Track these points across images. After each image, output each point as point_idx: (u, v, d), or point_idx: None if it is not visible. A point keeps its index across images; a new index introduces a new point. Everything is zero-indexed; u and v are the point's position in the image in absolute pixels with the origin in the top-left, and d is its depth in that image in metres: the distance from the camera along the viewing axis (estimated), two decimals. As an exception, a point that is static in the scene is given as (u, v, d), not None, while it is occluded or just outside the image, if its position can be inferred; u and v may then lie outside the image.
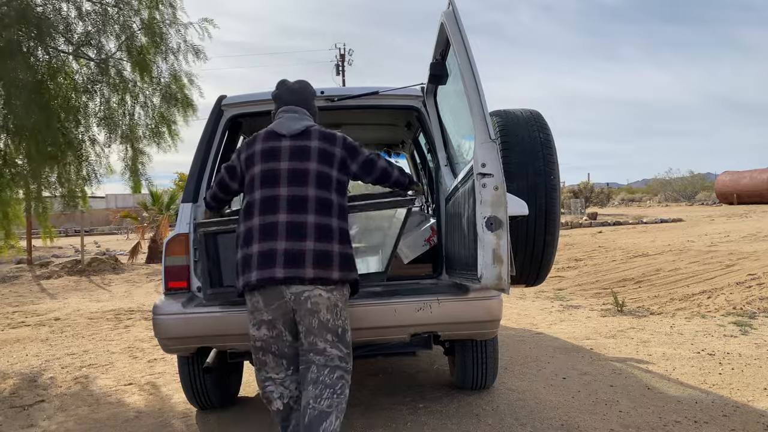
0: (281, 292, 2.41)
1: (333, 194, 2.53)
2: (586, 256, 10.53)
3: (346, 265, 2.48)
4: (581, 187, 31.48)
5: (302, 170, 2.51)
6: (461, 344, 3.42)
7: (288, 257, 2.38)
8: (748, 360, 4.17)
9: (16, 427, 3.51)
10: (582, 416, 3.25)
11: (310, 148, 2.56)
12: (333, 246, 2.44)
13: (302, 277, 2.37)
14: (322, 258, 2.40)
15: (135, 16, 5.72)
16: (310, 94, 2.83)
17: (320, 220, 2.45)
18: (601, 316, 6.03)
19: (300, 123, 2.64)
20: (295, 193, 2.47)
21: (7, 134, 5.26)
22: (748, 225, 14.39)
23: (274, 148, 2.58)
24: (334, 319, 2.47)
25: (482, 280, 2.38)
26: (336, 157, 2.60)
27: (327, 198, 2.50)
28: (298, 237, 2.40)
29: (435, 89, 3.54)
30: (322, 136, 2.62)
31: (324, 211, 2.47)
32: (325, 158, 2.56)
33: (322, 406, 2.37)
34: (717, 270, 7.98)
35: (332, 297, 2.45)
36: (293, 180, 2.49)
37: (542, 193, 3.15)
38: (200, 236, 2.85)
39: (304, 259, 2.38)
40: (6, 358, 5.33)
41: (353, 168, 2.67)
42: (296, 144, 2.57)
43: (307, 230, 2.41)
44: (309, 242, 2.40)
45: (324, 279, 2.40)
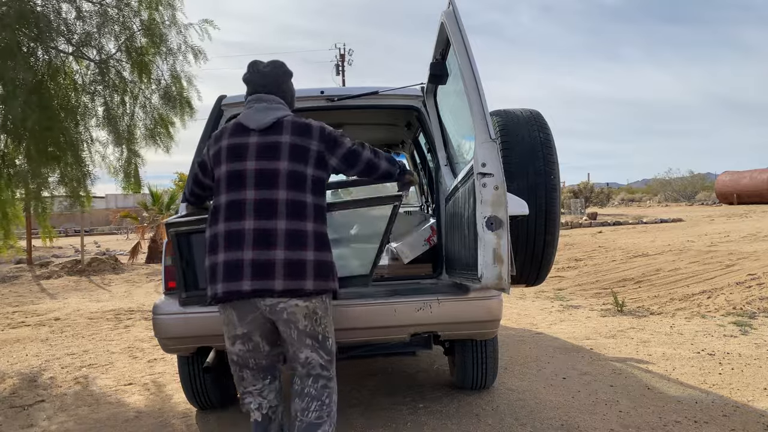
0: (254, 304, 2.25)
1: (308, 195, 2.29)
2: (586, 256, 10.53)
3: (323, 274, 2.27)
4: (581, 187, 31.49)
5: (271, 171, 2.27)
6: (461, 344, 3.42)
7: (255, 268, 2.18)
8: (748, 360, 4.17)
9: (16, 427, 3.51)
10: (582, 416, 3.25)
11: (280, 144, 2.30)
12: (306, 253, 2.22)
13: (272, 290, 2.19)
14: (293, 267, 2.19)
15: (135, 17, 5.72)
16: (283, 76, 2.52)
17: (292, 225, 2.22)
18: (601, 316, 6.02)
19: (270, 114, 2.36)
20: (263, 197, 2.24)
21: (7, 134, 5.26)
22: (748, 225, 14.39)
23: (241, 145, 2.33)
24: (313, 326, 2.31)
25: (482, 279, 2.38)
26: (311, 152, 2.33)
27: (300, 200, 2.26)
28: (266, 245, 2.19)
29: (435, 89, 3.54)
30: (295, 129, 2.34)
31: (297, 215, 2.24)
32: (298, 155, 2.30)
33: (310, 418, 2.30)
34: (717, 270, 7.98)
35: (310, 305, 2.28)
36: (261, 182, 2.26)
37: (542, 193, 3.15)
38: (171, 236, 2.68)
39: (274, 270, 2.17)
40: (6, 358, 5.33)
41: (333, 162, 2.40)
42: (265, 140, 2.32)
43: (276, 238, 2.20)
44: (279, 251, 2.18)
45: (296, 291, 2.21)
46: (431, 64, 3.26)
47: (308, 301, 2.26)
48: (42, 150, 5.08)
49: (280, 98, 2.45)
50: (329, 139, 2.39)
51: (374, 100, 3.54)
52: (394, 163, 2.57)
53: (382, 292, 3.08)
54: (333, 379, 2.40)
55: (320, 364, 2.35)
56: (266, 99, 2.42)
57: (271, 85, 2.46)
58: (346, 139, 2.44)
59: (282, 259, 2.18)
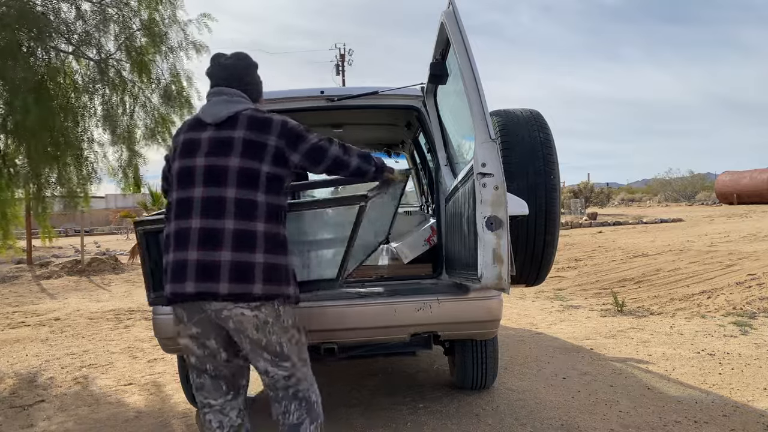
0: (200, 306, 2.13)
1: (260, 194, 2.15)
2: (586, 256, 10.53)
3: (274, 278, 2.13)
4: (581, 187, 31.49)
5: (220, 167, 2.15)
6: (461, 344, 3.42)
7: (200, 270, 2.07)
8: (748, 360, 4.17)
9: (16, 427, 3.51)
10: (582, 416, 3.25)
11: (233, 140, 2.18)
12: (255, 256, 2.08)
13: (215, 293, 2.07)
14: (240, 270, 2.07)
15: (135, 17, 5.72)
16: (246, 68, 2.38)
17: (240, 225, 2.09)
18: (601, 316, 6.02)
19: (228, 108, 2.24)
20: (210, 195, 2.12)
21: (7, 134, 5.26)
22: (748, 225, 14.39)
23: (194, 140, 2.23)
24: (266, 337, 2.16)
25: (482, 279, 2.38)
26: (268, 148, 2.19)
27: (250, 199, 2.13)
28: (211, 246, 2.07)
29: (435, 89, 3.54)
30: (252, 124, 2.21)
31: (246, 214, 2.11)
32: (251, 151, 2.17)
33: (291, 420, 2.23)
34: (717, 270, 7.98)
35: (260, 315, 2.12)
36: (209, 179, 2.15)
37: (542, 193, 3.15)
38: (140, 235, 2.61)
39: (219, 272, 2.06)
40: (6, 358, 5.33)
41: (294, 159, 2.24)
42: (218, 135, 2.20)
43: (223, 238, 2.08)
44: (225, 252, 2.06)
45: (241, 295, 2.08)
46: (431, 64, 3.26)
47: (257, 310, 2.11)
48: (42, 150, 5.08)
49: (241, 91, 2.33)
50: (291, 134, 2.24)
51: (374, 100, 3.54)
52: (368, 160, 2.41)
53: (382, 292, 3.08)
54: (305, 380, 2.28)
55: (284, 375, 2.23)
56: (226, 92, 2.31)
57: (232, 78, 2.34)
58: (311, 135, 2.30)
59: (228, 261, 2.06)
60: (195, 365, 2.26)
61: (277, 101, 3.56)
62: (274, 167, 2.20)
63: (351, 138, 5.32)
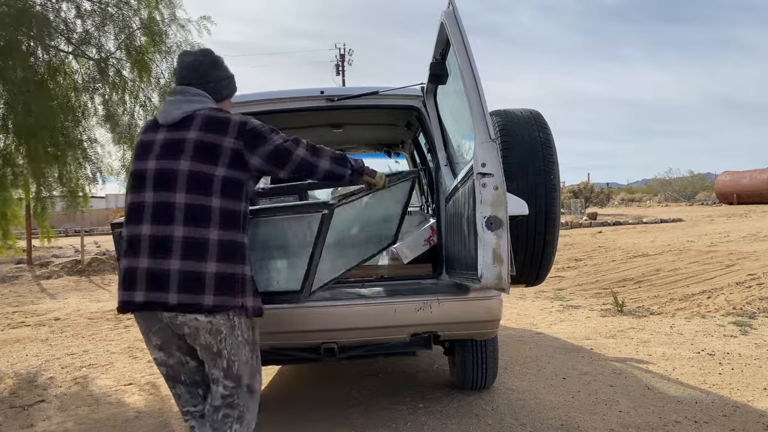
0: (155, 315, 2.05)
1: (214, 199, 2.02)
2: (586, 256, 10.53)
3: (227, 288, 2.00)
4: (581, 187, 31.48)
5: (169, 171, 2.03)
6: (461, 344, 3.42)
7: (149, 278, 1.98)
8: (748, 360, 4.17)
9: (16, 427, 3.51)
10: (582, 416, 3.24)
11: (185, 142, 2.06)
12: (206, 265, 1.97)
13: (165, 303, 1.97)
14: (189, 280, 1.96)
15: (134, 16, 5.73)
16: (208, 65, 2.24)
17: (190, 232, 1.98)
18: (601, 316, 6.02)
19: (182, 108, 2.13)
20: (159, 200, 2.01)
21: (8, 134, 5.26)
22: (748, 225, 14.39)
23: (147, 142, 2.13)
24: (218, 344, 2.06)
25: (482, 279, 2.38)
26: (224, 149, 2.05)
27: (203, 205, 2.01)
28: (160, 254, 1.97)
29: (435, 89, 3.54)
30: (207, 124, 2.08)
31: (196, 221, 1.99)
32: (204, 153, 2.04)
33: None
34: (717, 270, 7.98)
35: (214, 321, 2.03)
36: (159, 183, 2.03)
37: (542, 193, 3.15)
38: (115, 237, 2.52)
39: (168, 282, 1.96)
40: (6, 358, 5.33)
41: (255, 162, 2.10)
42: (170, 137, 2.09)
43: (171, 246, 1.97)
44: (174, 260, 1.96)
45: (191, 306, 1.98)
46: (431, 64, 3.26)
47: (210, 316, 2.01)
48: (42, 150, 5.08)
49: (202, 90, 2.19)
50: (250, 135, 2.10)
51: (374, 100, 3.54)
52: (343, 162, 2.24)
53: (382, 292, 3.08)
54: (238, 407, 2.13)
55: (221, 394, 2.11)
56: (184, 91, 2.18)
57: (192, 76, 2.21)
58: (275, 136, 2.15)
59: (177, 270, 1.96)
60: (167, 375, 2.19)
61: (277, 101, 3.56)
62: (232, 170, 2.07)
63: (351, 138, 5.33)
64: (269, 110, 3.61)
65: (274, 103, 3.57)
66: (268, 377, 4.33)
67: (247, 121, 2.14)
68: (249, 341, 2.14)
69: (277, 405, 3.68)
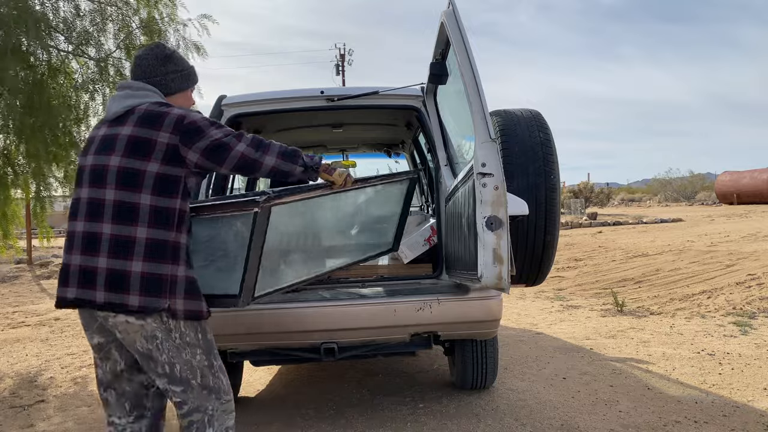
0: (91, 313, 2.02)
1: (144, 196, 1.96)
2: (586, 256, 10.53)
3: (154, 289, 1.93)
4: (581, 187, 31.47)
5: (101, 167, 2.00)
6: (461, 344, 3.42)
7: (81, 275, 1.96)
8: (748, 360, 4.17)
9: (16, 427, 3.51)
10: (582, 416, 3.24)
11: (118, 137, 2.02)
12: (132, 264, 1.92)
13: (92, 301, 1.95)
14: (115, 279, 1.92)
15: (134, 15, 5.73)
16: (155, 58, 2.19)
17: (117, 230, 1.94)
18: (601, 316, 6.02)
19: (123, 102, 2.08)
20: (92, 196, 1.99)
21: (8, 134, 5.26)
22: (748, 225, 14.39)
23: (91, 138, 2.12)
24: (156, 351, 1.99)
25: (482, 279, 2.38)
26: (158, 145, 1.99)
27: (132, 201, 1.96)
28: (91, 251, 1.95)
29: (435, 89, 3.54)
30: (144, 119, 2.02)
31: (124, 218, 1.95)
32: (136, 149, 1.98)
33: None
34: (717, 270, 7.98)
35: (147, 325, 1.96)
36: (93, 179, 2.01)
37: (542, 193, 3.16)
38: None
39: (96, 279, 1.93)
40: (6, 358, 5.33)
41: (192, 157, 2.01)
42: (108, 132, 2.06)
43: (100, 243, 1.94)
44: (101, 258, 1.93)
45: (118, 305, 1.93)
46: (431, 64, 3.26)
47: (142, 320, 1.95)
48: (43, 149, 5.08)
49: (149, 84, 2.15)
50: (187, 129, 2.01)
51: (374, 100, 3.54)
52: (292, 158, 2.10)
53: (382, 292, 3.08)
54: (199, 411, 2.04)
55: (177, 401, 2.04)
56: (129, 86, 2.14)
57: (139, 71, 2.18)
58: (214, 129, 2.04)
59: (104, 268, 1.93)
60: (100, 378, 2.13)
61: (277, 101, 3.57)
62: (167, 166, 2.00)
63: (351, 138, 5.33)
64: (269, 110, 3.61)
65: (274, 103, 3.57)
66: (268, 377, 4.34)
67: (186, 115, 2.04)
68: (193, 344, 2.03)
69: (277, 405, 3.68)
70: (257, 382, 4.22)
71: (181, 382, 2.02)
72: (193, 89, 2.31)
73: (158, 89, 2.15)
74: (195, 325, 2.04)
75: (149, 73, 2.17)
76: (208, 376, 2.06)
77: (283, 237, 2.37)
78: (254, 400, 3.82)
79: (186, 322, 2.01)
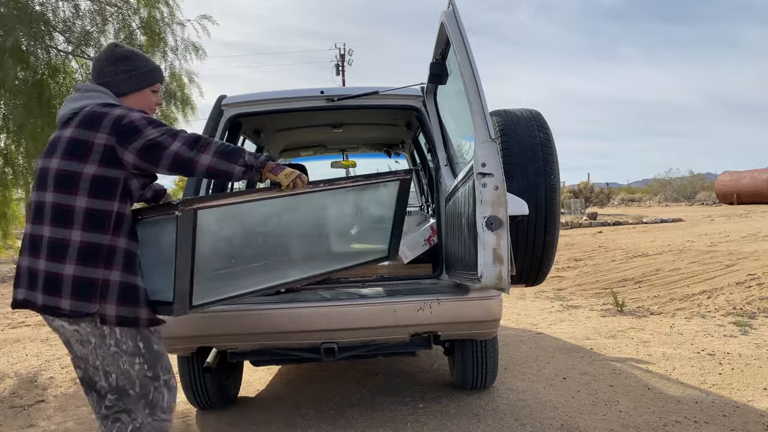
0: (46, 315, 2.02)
1: (80, 198, 1.93)
2: (586, 256, 10.53)
3: (85, 294, 1.90)
4: (581, 187, 31.47)
5: (45, 170, 2.00)
6: (461, 344, 3.42)
7: (27, 277, 1.97)
8: (748, 360, 4.17)
9: (16, 427, 3.51)
10: (582, 416, 3.24)
11: (60, 139, 2.02)
12: (64, 267, 1.90)
13: (34, 303, 1.95)
14: (50, 281, 1.91)
15: (134, 15, 5.73)
16: (106, 59, 2.16)
17: (54, 232, 1.93)
18: (601, 316, 6.02)
19: (73, 104, 2.07)
20: (38, 199, 1.99)
21: (8, 134, 5.26)
22: (748, 225, 14.39)
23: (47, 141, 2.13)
24: (92, 355, 1.99)
25: (482, 279, 2.38)
26: (95, 146, 1.95)
27: (66, 204, 1.93)
28: (35, 253, 1.96)
29: (435, 89, 3.54)
30: (84, 120, 1.99)
31: (60, 221, 1.93)
32: (74, 151, 1.96)
33: None
34: (717, 270, 7.98)
35: (80, 329, 1.95)
36: (38, 183, 2.01)
37: (542, 193, 3.16)
38: None
39: (37, 282, 1.93)
40: (6, 358, 5.33)
41: (128, 158, 1.95)
42: (56, 135, 2.07)
43: (41, 245, 1.94)
44: (41, 260, 1.93)
45: (53, 309, 1.92)
46: (431, 64, 3.26)
47: (75, 324, 1.94)
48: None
49: (101, 85, 2.13)
50: (125, 129, 1.95)
51: (374, 100, 3.54)
52: (231, 157, 1.99)
53: (382, 292, 3.08)
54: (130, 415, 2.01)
55: (105, 404, 2.02)
56: (80, 88, 2.12)
57: (94, 73, 2.17)
58: (150, 129, 1.96)
59: (43, 271, 1.93)
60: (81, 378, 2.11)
61: (277, 101, 3.57)
62: (105, 168, 1.95)
63: (351, 138, 5.33)
64: (269, 110, 3.62)
65: (274, 103, 3.57)
66: (268, 377, 4.34)
67: (125, 116, 1.98)
68: (132, 353, 1.99)
69: (277, 405, 3.68)
70: (257, 382, 4.22)
71: (116, 390, 2.00)
72: (155, 89, 2.22)
73: (110, 90, 2.12)
74: (133, 333, 1.99)
75: (100, 74, 2.15)
76: (149, 388, 2.03)
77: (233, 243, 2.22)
78: (254, 400, 3.82)
79: (122, 329, 1.96)
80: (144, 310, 1.99)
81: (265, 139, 4.72)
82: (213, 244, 2.10)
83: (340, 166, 5.71)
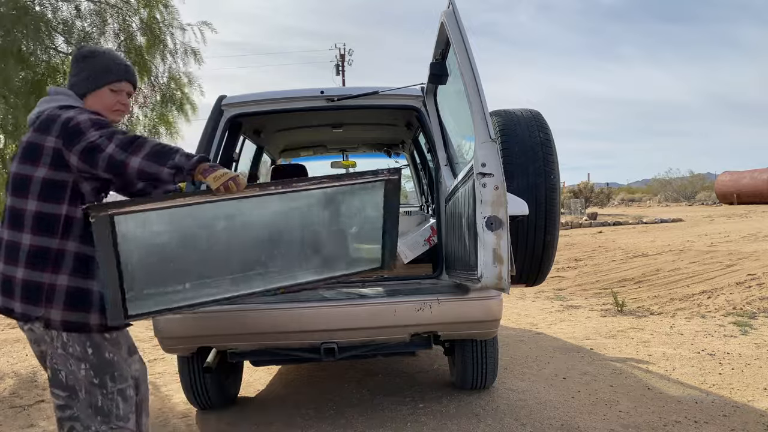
0: None
1: (30, 201, 1.92)
2: (586, 256, 10.53)
3: (33, 298, 1.91)
4: (581, 187, 31.46)
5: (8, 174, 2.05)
6: (461, 344, 3.42)
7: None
8: (748, 360, 4.17)
9: (16, 427, 3.51)
10: (582, 416, 3.24)
11: (21, 143, 2.02)
12: (17, 270, 1.91)
13: None
14: (5, 284, 1.95)
15: (134, 15, 5.74)
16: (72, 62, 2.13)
17: (10, 236, 1.95)
18: (601, 316, 6.02)
19: (38, 108, 2.05)
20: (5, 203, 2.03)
21: (7, 134, 5.26)
22: (748, 225, 14.39)
23: None
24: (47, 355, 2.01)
25: (482, 279, 2.38)
26: (45, 149, 1.93)
27: (18, 207, 1.94)
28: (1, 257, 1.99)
29: (435, 89, 3.54)
30: (40, 125, 1.97)
31: (14, 224, 1.95)
32: (28, 154, 1.95)
33: None
34: (717, 270, 7.98)
35: (35, 329, 1.98)
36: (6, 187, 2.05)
37: (542, 193, 3.16)
38: None
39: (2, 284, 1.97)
40: (6, 358, 5.33)
41: (73, 160, 1.91)
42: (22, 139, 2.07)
43: (1, 249, 1.98)
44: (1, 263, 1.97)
45: (8, 311, 1.96)
46: (431, 64, 3.26)
47: (29, 324, 1.97)
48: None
49: (67, 88, 2.10)
50: (70, 131, 1.90)
51: (374, 100, 3.54)
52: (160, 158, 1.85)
53: (382, 292, 3.08)
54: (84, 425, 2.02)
55: (60, 405, 2.04)
56: (51, 91, 2.10)
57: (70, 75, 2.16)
58: (93, 131, 1.89)
59: (1, 273, 1.96)
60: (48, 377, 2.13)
61: (277, 101, 3.57)
62: (54, 171, 1.93)
63: (351, 138, 5.33)
64: (269, 110, 3.62)
65: (274, 103, 3.57)
66: (268, 377, 4.34)
67: (73, 118, 1.93)
68: (79, 358, 1.96)
69: (277, 405, 3.68)
70: (257, 382, 4.22)
71: (66, 388, 2.00)
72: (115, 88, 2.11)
73: (74, 91, 2.09)
74: (81, 339, 1.96)
75: (69, 76, 2.14)
76: (96, 395, 1.99)
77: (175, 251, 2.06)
78: (254, 400, 3.82)
79: (69, 334, 1.94)
80: (95, 316, 1.96)
81: (265, 139, 4.72)
82: (145, 251, 1.97)
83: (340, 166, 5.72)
